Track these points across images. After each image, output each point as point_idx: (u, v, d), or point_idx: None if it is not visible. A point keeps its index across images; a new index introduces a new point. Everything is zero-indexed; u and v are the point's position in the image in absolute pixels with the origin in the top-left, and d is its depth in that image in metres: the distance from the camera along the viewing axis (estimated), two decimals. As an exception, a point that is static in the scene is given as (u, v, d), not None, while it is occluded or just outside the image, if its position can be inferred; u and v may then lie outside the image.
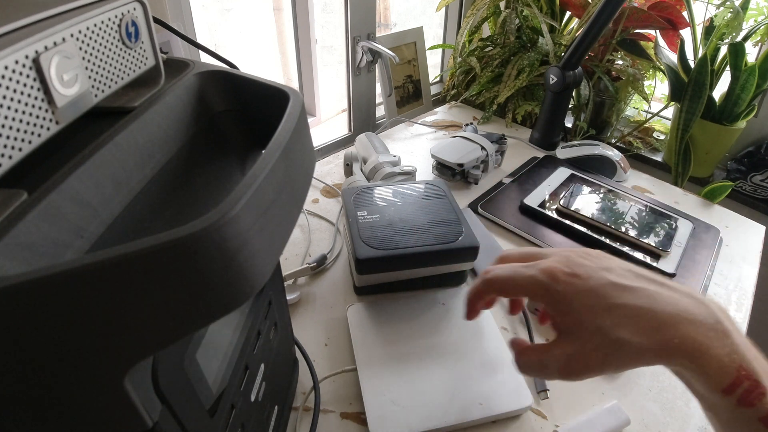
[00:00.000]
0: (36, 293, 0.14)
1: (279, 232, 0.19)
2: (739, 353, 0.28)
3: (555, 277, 0.31)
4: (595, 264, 0.32)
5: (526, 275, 0.33)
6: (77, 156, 0.19)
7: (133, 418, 0.17)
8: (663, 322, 0.29)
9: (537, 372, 0.34)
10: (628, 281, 0.31)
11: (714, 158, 1.05)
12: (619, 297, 0.30)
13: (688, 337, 0.28)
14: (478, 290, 0.36)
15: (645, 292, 0.30)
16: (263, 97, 0.28)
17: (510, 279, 0.33)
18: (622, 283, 0.30)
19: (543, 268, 0.32)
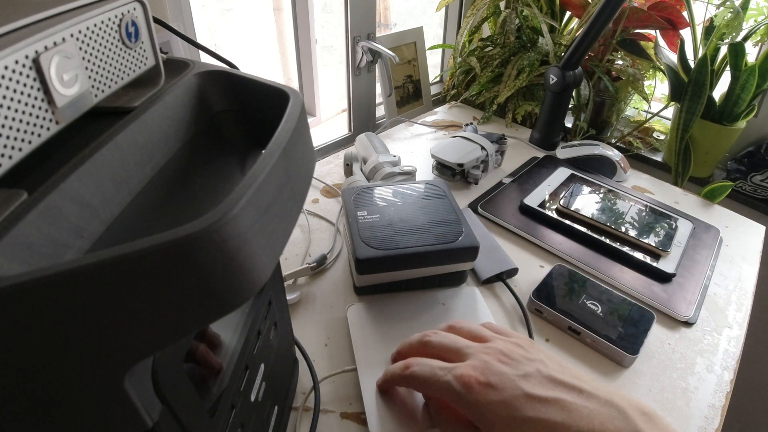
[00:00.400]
0: (36, 293, 0.14)
1: (279, 232, 0.19)
2: None
3: (469, 386, 0.31)
4: (513, 371, 0.32)
5: (441, 381, 0.33)
6: (77, 156, 0.19)
7: (133, 418, 0.17)
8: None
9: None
10: (544, 392, 0.30)
11: (714, 158, 1.05)
12: (533, 410, 0.30)
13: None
14: (395, 378, 0.37)
15: (560, 404, 0.30)
16: (263, 97, 0.28)
17: (426, 381, 0.34)
18: (537, 395, 0.30)
19: (458, 375, 0.32)
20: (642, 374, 0.47)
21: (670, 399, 0.45)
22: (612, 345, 0.47)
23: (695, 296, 0.55)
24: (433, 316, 0.50)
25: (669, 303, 0.54)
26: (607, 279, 0.57)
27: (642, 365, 0.48)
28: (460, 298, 0.52)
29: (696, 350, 0.50)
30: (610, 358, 0.48)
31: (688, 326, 0.53)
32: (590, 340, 0.49)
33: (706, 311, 0.55)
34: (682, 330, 0.52)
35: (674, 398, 0.45)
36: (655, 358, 0.49)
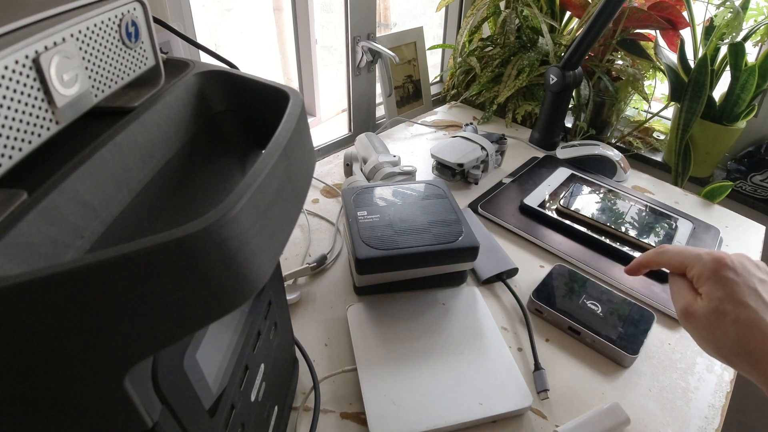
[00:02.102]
0: (36, 293, 0.14)
1: (279, 232, 0.19)
2: None
3: (719, 260, 0.38)
4: (757, 274, 0.38)
5: (694, 253, 0.40)
6: (77, 156, 0.19)
7: (133, 418, 0.17)
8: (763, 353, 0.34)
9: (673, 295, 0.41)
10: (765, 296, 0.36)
11: (714, 158, 1.05)
12: (752, 300, 0.36)
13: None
14: (648, 257, 0.43)
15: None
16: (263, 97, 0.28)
17: (679, 252, 0.41)
18: (763, 296, 0.36)
19: (711, 252, 0.39)
20: (642, 374, 0.47)
21: (670, 399, 0.45)
22: (612, 345, 0.47)
23: (695, 296, 0.55)
24: (433, 316, 0.50)
25: (669, 303, 0.54)
26: (607, 279, 0.57)
27: (642, 365, 0.48)
28: (460, 298, 0.52)
29: (696, 350, 0.50)
30: (610, 358, 0.48)
31: (688, 326, 0.53)
32: (590, 340, 0.49)
33: (706, 311, 0.55)
34: (683, 330, 0.52)
35: (674, 398, 0.45)
36: (655, 358, 0.49)
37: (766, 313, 0.35)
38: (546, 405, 0.44)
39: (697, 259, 0.39)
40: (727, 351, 0.36)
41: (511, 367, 0.45)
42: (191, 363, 0.22)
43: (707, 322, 0.37)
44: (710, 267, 0.38)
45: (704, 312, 0.37)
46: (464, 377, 0.44)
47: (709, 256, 0.39)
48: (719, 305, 0.36)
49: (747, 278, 0.37)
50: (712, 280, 0.37)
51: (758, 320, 0.35)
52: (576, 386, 0.46)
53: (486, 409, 0.41)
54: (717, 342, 0.36)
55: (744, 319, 0.35)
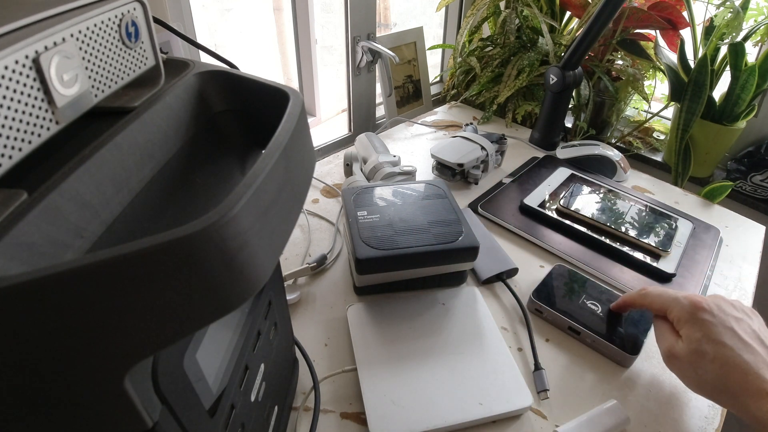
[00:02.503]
0: (36, 293, 0.14)
1: (279, 232, 0.19)
2: None
3: (695, 304, 0.40)
4: (731, 312, 0.40)
5: (673, 296, 0.43)
6: (77, 156, 0.19)
7: (133, 418, 0.17)
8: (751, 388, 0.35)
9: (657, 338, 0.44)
10: (744, 336, 0.38)
11: (714, 158, 1.05)
12: (730, 340, 0.38)
13: (755, 417, 0.34)
14: (631, 299, 0.47)
15: (751, 349, 0.37)
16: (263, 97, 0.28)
17: (659, 296, 0.44)
18: (739, 334, 0.38)
19: (688, 296, 0.42)
20: (642, 374, 0.47)
21: (670, 399, 0.45)
22: (612, 345, 0.47)
23: (695, 296, 0.55)
24: (433, 316, 0.50)
25: (669, 303, 0.54)
26: (607, 279, 0.57)
27: (642, 365, 0.48)
28: (460, 298, 0.52)
29: (696, 350, 0.50)
30: (610, 358, 0.48)
31: (688, 326, 0.53)
32: (590, 340, 0.49)
33: (706, 311, 0.55)
34: (682, 330, 0.52)
35: (674, 398, 0.45)
36: (655, 358, 0.49)
37: (743, 350, 0.37)
38: (546, 405, 0.44)
39: (676, 303, 0.42)
40: (710, 388, 0.38)
41: (511, 367, 0.45)
42: (191, 363, 0.22)
43: (688, 363, 0.39)
44: (688, 310, 0.41)
45: (685, 353, 0.39)
46: (464, 377, 0.44)
47: (687, 300, 0.41)
48: (698, 346, 0.38)
49: (723, 318, 0.39)
50: (690, 323, 0.40)
51: (735, 358, 0.37)
52: (576, 386, 0.46)
53: (486, 409, 0.41)
54: (699, 380, 0.38)
55: (722, 358, 0.37)
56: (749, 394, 0.35)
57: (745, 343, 0.37)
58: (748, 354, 0.37)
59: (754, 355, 0.37)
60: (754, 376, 0.35)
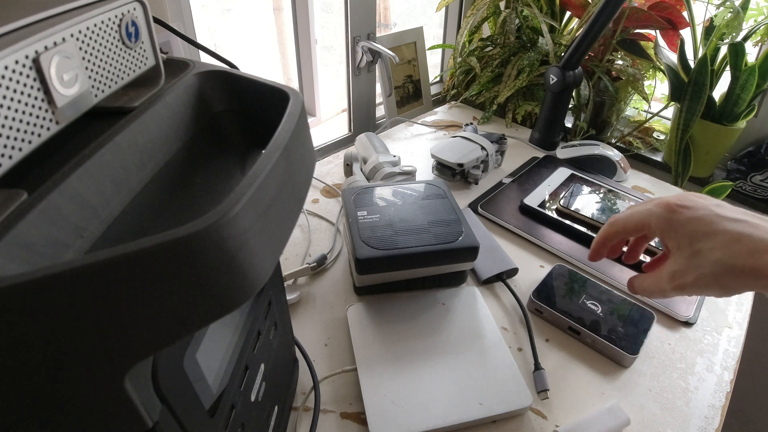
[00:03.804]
0: (36, 293, 0.14)
1: (279, 232, 0.19)
2: None
3: (669, 207, 0.37)
4: (707, 201, 0.36)
5: (643, 210, 0.39)
6: (77, 156, 0.19)
7: (133, 418, 0.17)
8: (761, 247, 0.32)
9: (653, 291, 0.39)
10: (733, 215, 0.35)
11: (714, 158, 1.05)
12: (722, 224, 0.34)
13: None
14: (604, 233, 0.42)
15: (747, 222, 0.34)
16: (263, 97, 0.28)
17: (630, 215, 0.40)
18: (727, 215, 0.34)
19: (658, 202, 0.38)
20: (642, 374, 0.47)
21: (670, 399, 0.45)
22: (612, 345, 0.47)
23: (695, 296, 0.55)
24: (433, 316, 0.50)
25: (669, 303, 0.54)
26: (607, 279, 0.57)
27: (642, 365, 0.48)
28: (460, 298, 0.52)
29: (696, 350, 0.50)
30: (610, 358, 0.48)
31: (688, 326, 0.53)
32: (590, 340, 0.49)
33: (706, 311, 0.55)
34: (682, 330, 0.52)
35: (674, 398, 0.45)
36: (655, 358, 0.49)
37: (738, 226, 0.33)
38: (546, 405, 0.44)
39: (649, 215, 0.38)
40: (727, 279, 0.33)
41: (511, 367, 0.45)
42: (191, 363, 0.22)
43: (694, 267, 0.35)
44: (664, 216, 0.37)
45: (685, 266, 0.35)
46: (464, 377, 0.44)
47: (659, 207, 0.37)
48: (691, 246, 0.35)
49: (702, 206, 0.36)
50: (672, 227, 0.36)
51: (740, 235, 0.33)
52: (576, 386, 0.46)
53: (486, 409, 0.41)
54: (714, 278, 0.34)
55: (725, 240, 0.33)
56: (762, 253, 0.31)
57: (738, 221, 0.34)
58: (745, 227, 0.33)
59: (752, 227, 0.33)
60: (759, 240, 0.32)
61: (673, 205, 0.37)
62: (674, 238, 0.36)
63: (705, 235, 0.34)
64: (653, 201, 0.39)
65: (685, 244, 0.35)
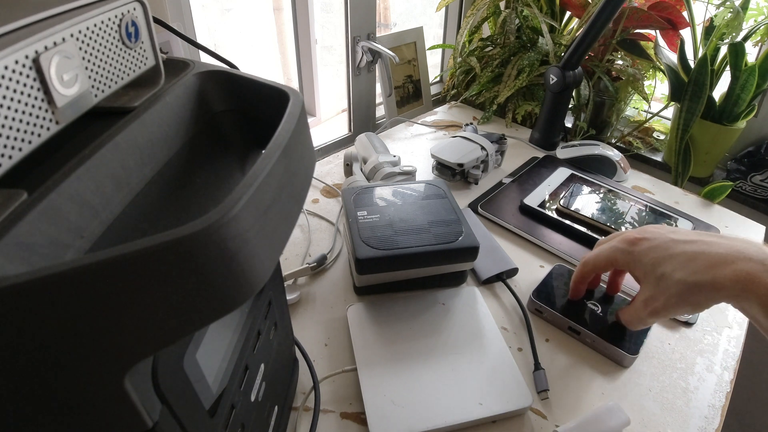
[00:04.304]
0: (36, 293, 0.14)
1: (279, 232, 0.19)
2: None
3: (630, 242, 0.41)
4: (663, 230, 0.40)
5: (608, 247, 0.42)
6: (77, 156, 0.19)
7: (133, 418, 0.17)
8: (716, 261, 0.35)
9: (634, 321, 0.43)
10: (687, 237, 0.38)
11: (714, 158, 1.05)
12: (678, 247, 0.37)
13: (741, 270, 0.33)
14: (579, 273, 0.47)
15: (701, 241, 0.37)
16: (263, 97, 0.28)
17: (598, 254, 0.43)
18: (682, 239, 0.38)
19: (620, 238, 0.42)
20: (642, 374, 0.47)
21: (670, 399, 0.45)
22: (612, 345, 0.47)
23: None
24: (433, 316, 0.50)
25: (669, 303, 0.54)
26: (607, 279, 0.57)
27: (642, 365, 0.48)
28: (460, 298, 0.52)
29: (696, 350, 0.50)
30: (610, 358, 0.48)
31: (688, 326, 0.53)
32: (590, 340, 0.49)
33: (707, 311, 0.55)
34: (682, 330, 0.52)
35: (674, 398, 0.45)
36: (655, 358, 0.49)
37: (694, 246, 0.37)
38: (546, 405, 0.44)
39: (614, 251, 0.42)
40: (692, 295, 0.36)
41: (511, 367, 0.45)
42: (191, 363, 0.22)
43: (661, 291, 0.38)
44: (627, 250, 0.41)
45: (654, 291, 0.38)
46: (464, 377, 0.44)
47: (622, 243, 0.41)
48: (655, 272, 0.38)
49: (659, 235, 0.39)
50: (636, 259, 0.40)
51: (690, 253, 0.36)
52: (576, 386, 0.46)
53: (486, 409, 0.41)
54: (680, 297, 0.37)
55: (683, 260, 0.36)
56: (718, 267, 0.34)
57: (692, 241, 0.37)
58: (699, 246, 0.37)
59: (705, 245, 0.36)
60: (713, 255, 0.35)
61: (632, 239, 0.40)
62: (639, 268, 0.40)
63: (664, 260, 0.38)
64: (617, 237, 0.43)
65: (649, 271, 0.39)
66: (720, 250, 0.35)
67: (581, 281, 0.47)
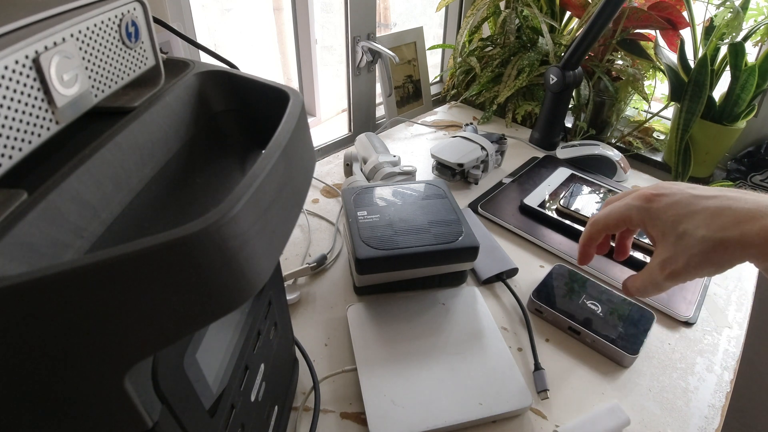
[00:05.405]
0: (36, 293, 0.14)
1: (279, 232, 0.19)
2: None
3: (646, 198, 0.37)
4: (681, 186, 0.37)
5: (621, 204, 0.38)
6: (77, 156, 0.19)
7: (133, 418, 0.17)
8: (744, 216, 0.32)
9: (647, 287, 0.39)
10: (709, 192, 0.35)
11: (714, 158, 1.05)
12: (700, 203, 0.34)
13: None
14: (587, 234, 0.42)
15: (725, 197, 0.34)
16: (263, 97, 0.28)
17: (609, 212, 0.39)
18: (703, 194, 0.35)
19: (635, 195, 0.38)
20: (642, 374, 0.47)
21: (670, 399, 0.45)
22: (612, 345, 0.47)
23: (695, 296, 0.55)
24: (433, 316, 0.50)
25: (669, 303, 0.54)
26: (607, 279, 0.57)
27: (642, 365, 0.48)
28: (460, 298, 0.52)
29: (696, 350, 0.50)
30: (610, 358, 0.48)
31: (688, 326, 0.53)
32: (590, 340, 0.49)
33: (706, 311, 0.55)
34: (682, 330, 0.52)
35: (674, 398, 0.45)
36: (655, 358, 0.49)
37: (717, 201, 0.34)
38: (546, 405, 0.44)
39: (628, 208, 0.38)
40: (717, 254, 0.33)
41: (511, 367, 0.45)
42: (191, 363, 0.22)
43: (682, 250, 0.34)
44: (643, 207, 0.37)
45: (673, 251, 0.35)
46: (464, 377, 0.44)
47: (636, 199, 0.38)
48: (676, 230, 0.35)
49: (678, 190, 0.36)
50: (654, 216, 0.36)
51: (720, 209, 0.33)
52: (576, 386, 0.46)
53: (486, 409, 0.41)
54: (704, 256, 0.33)
55: (707, 216, 0.33)
56: (746, 222, 0.31)
57: (715, 197, 0.34)
58: (724, 201, 0.33)
59: (731, 200, 0.33)
60: (740, 210, 0.32)
61: (649, 195, 0.37)
62: (657, 226, 0.36)
63: (686, 216, 0.34)
64: (630, 194, 0.39)
65: (669, 229, 0.35)
66: (747, 206, 0.32)
67: (590, 243, 0.42)
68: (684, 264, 0.35)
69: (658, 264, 0.36)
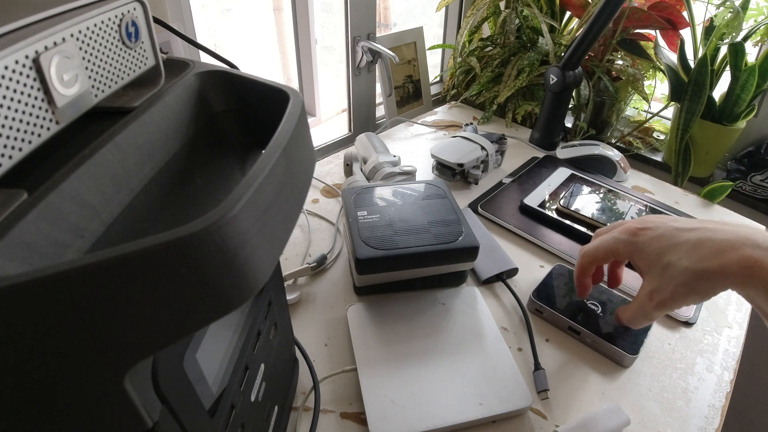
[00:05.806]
0: (36, 293, 0.14)
1: (279, 232, 0.19)
2: None
3: (631, 232, 0.39)
4: (664, 219, 0.39)
5: (609, 238, 0.41)
6: (77, 156, 0.19)
7: (133, 418, 0.17)
8: (722, 247, 0.34)
9: (638, 317, 0.41)
10: (690, 225, 0.37)
11: (714, 158, 1.05)
12: (682, 236, 0.37)
13: (748, 256, 0.33)
14: (580, 266, 0.45)
15: (705, 228, 0.36)
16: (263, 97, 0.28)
17: (598, 246, 0.42)
18: (685, 227, 0.37)
19: (621, 229, 0.40)
20: (642, 374, 0.47)
21: (670, 399, 0.45)
22: (612, 345, 0.47)
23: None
24: (433, 316, 0.50)
25: (669, 303, 0.54)
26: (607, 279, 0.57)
27: (642, 365, 0.48)
28: (460, 298, 0.52)
29: (696, 350, 0.50)
30: (610, 358, 0.48)
31: (688, 326, 0.53)
32: (590, 340, 0.49)
33: (707, 311, 0.55)
34: (683, 330, 0.52)
35: (674, 398, 0.45)
36: (655, 358, 0.49)
37: (696, 232, 0.36)
38: (546, 405, 0.44)
39: (615, 242, 0.40)
40: (700, 283, 0.35)
41: (511, 367, 0.45)
42: (191, 363, 0.22)
43: (668, 281, 0.36)
44: (629, 240, 0.39)
45: (660, 282, 0.37)
46: (464, 377, 0.44)
47: (623, 233, 0.40)
48: (660, 262, 0.37)
49: (661, 223, 0.38)
50: (639, 249, 0.39)
51: (700, 241, 0.35)
52: (576, 386, 0.46)
53: (486, 409, 0.41)
54: (688, 286, 0.36)
55: (688, 248, 0.35)
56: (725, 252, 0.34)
57: (696, 229, 0.36)
58: (703, 233, 0.36)
59: (710, 232, 0.35)
60: (719, 241, 0.34)
61: (634, 229, 0.39)
62: (643, 259, 0.39)
63: (670, 249, 0.37)
64: (617, 227, 0.41)
65: (654, 261, 0.37)
66: (726, 236, 0.35)
67: (583, 274, 0.45)
68: (671, 294, 0.37)
69: (647, 294, 0.39)
